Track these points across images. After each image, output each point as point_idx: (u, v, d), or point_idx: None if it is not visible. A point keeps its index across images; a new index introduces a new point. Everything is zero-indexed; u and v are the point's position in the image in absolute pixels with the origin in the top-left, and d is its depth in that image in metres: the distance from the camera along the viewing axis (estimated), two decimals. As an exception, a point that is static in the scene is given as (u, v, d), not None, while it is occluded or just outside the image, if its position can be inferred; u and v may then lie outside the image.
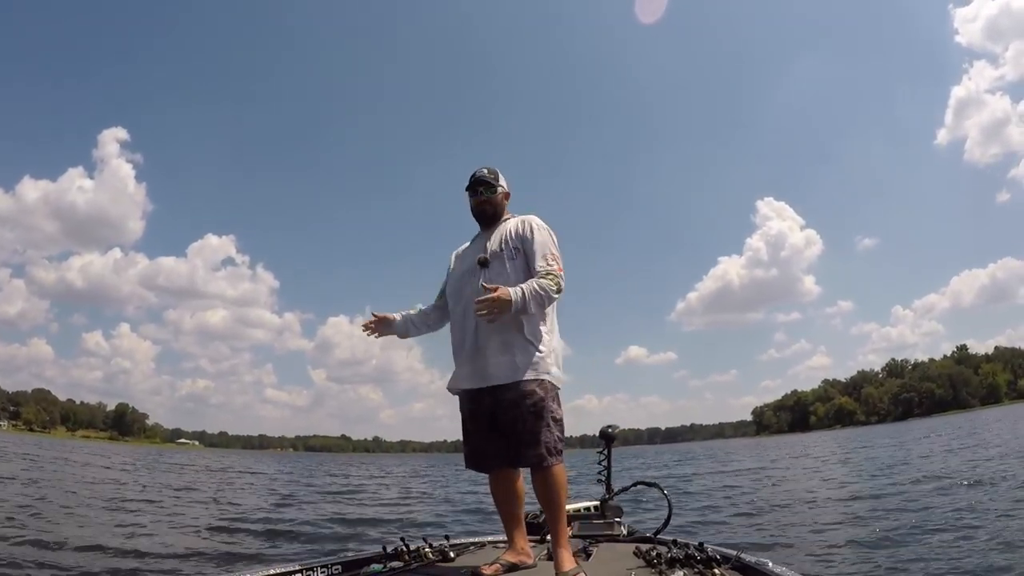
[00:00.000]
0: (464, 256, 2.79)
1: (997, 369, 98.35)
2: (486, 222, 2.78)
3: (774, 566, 2.27)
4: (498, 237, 2.69)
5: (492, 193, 2.76)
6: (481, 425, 2.60)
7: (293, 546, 6.66)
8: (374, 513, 10.03)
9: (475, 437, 2.64)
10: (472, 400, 2.62)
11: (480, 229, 2.82)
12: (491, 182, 2.75)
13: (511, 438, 2.49)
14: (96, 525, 7.43)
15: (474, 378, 2.57)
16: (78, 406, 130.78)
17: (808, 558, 5.29)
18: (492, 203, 2.76)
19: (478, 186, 2.74)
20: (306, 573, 2.51)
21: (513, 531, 2.68)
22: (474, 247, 2.77)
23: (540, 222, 2.71)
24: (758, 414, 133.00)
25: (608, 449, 3.87)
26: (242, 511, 9.84)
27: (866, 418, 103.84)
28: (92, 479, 15.53)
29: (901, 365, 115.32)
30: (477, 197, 2.76)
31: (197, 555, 5.86)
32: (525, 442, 2.46)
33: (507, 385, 2.49)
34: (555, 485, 2.49)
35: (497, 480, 2.68)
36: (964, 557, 4.77)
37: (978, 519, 6.23)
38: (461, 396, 2.68)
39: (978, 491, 8.11)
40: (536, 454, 2.45)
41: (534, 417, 2.46)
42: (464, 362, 2.61)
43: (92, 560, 5.33)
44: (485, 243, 2.70)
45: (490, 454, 2.61)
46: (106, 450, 48.60)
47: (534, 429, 2.45)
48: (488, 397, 2.54)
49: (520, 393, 2.47)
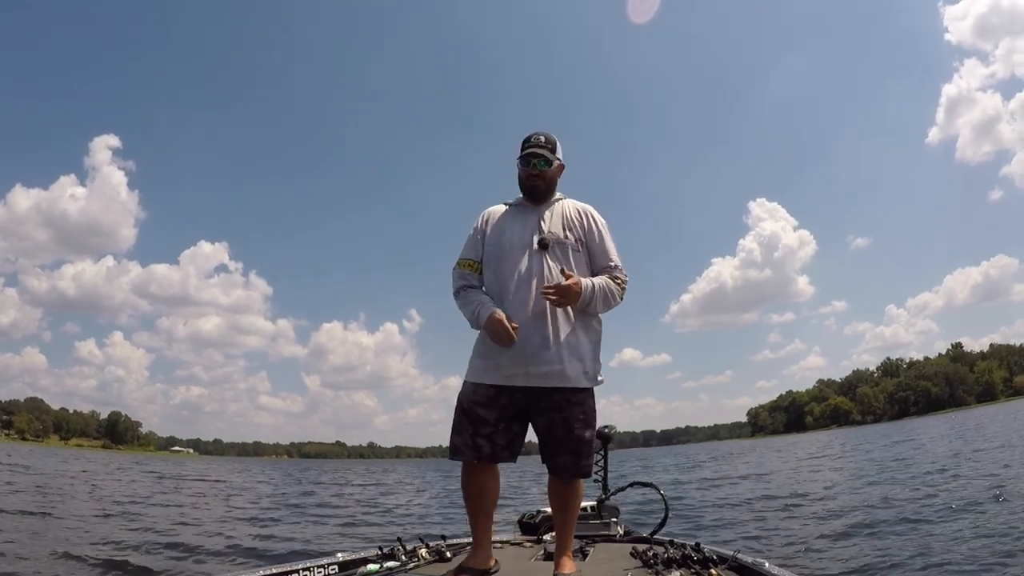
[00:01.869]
0: (511, 228, 2.45)
1: (993, 366, 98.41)
2: (537, 197, 2.48)
3: (771, 566, 2.25)
4: (559, 220, 2.44)
5: (547, 166, 2.46)
6: (504, 418, 2.34)
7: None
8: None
9: (486, 428, 2.34)
10: (505, 395, 2.33)
11: (523, 198, 2.52)
12: (548, 156, 2.44)
13: (556, 445, 2.33)
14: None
15: (535, 375, 2.28)
16: (71, 415, 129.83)
17: (806, 558, 5.25)
18: (545, 178, 2.47)
19: (533, 157, 2.44)
20: (302, 573, 2.48)
21: (483, 531, 2.42)
22: (522, 220, 2.46)
23: (602, 218, 2.52)
24: (753, 415, 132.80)
25: (604, 449, 3.83)
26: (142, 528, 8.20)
27: (862, 418, 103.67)
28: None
29: (896, 364, 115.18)
30: (529, 169, 2.45)
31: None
32: (580, 452, 2.34)
33: (568, 389, 2.30)
34: (580, 494, 2.44)
35: (480, 470, 2.39)
36: (962, 556, 4.69)
37: (977, 516, 6.12)
38: (479, 386, 2.36)
39: (978, 489, 7.96)
40: (588, 464, 2.37)
41: (588, 427, 2.35)
42: (520, 354, 2.28)
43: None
44: (538, 220, 2.43)
45: (502, 445, 2.36)
46: (83, 457, 48.00)
47: (588, 438, 2.35)
48: (531, 396, 2.31)
49: (581, 400, 2.34)
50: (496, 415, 2.33)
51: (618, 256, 2.49)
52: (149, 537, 7.08)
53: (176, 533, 7.44)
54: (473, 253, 2.49)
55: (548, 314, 2.30)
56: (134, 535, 7.22)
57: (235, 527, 8.47)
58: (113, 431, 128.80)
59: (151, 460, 57.19)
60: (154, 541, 6.78)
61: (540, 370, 2.27)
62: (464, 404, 2.38)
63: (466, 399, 2.38)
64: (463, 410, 2.38)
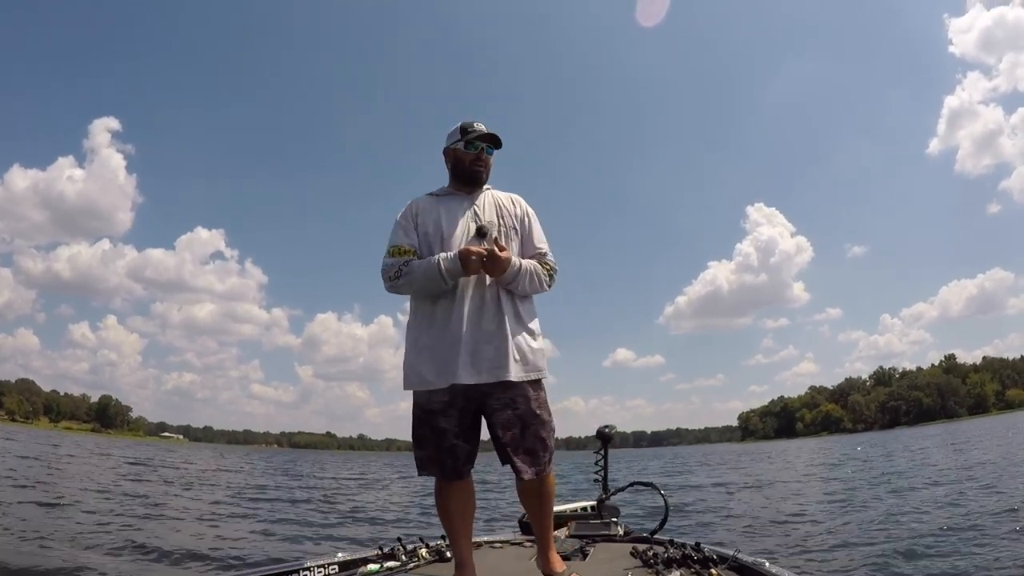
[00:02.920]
0: (446, 217, 2.36)
1: (985, 379, 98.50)
2: (471, 184, 2.43)
3: (771, 566, 2.24)
4: (491, 207, 2.40)
5: (490, 154, 2.46)
6: (463, 424, 2.27)
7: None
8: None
9: (449, 438, 2.26)
10: (458, 395, 2.22)
11: (452, 185, 2.46)
12: (497, 140, 2.43)
13: (513, 443, 2.23)
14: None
15: (478, 371, 2.19)
16: (61, 397, 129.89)
17: (805, 558, 5.27)
18: (487, 165, 2.45)
19: (483, 141, 2.40)
20: (302, 573, 2.47)
21: (468, 549, 2.34)
22: (456, 208, 2.38)
23: (530, 207, 2.50)
24: (744, 419, 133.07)
25: (605, 449, 3.86)
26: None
27: (853, 425, 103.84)
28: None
29: (889, 373, 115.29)
30: (476, 153, 2.41)
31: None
32: (533, 448, 2.25)
33: (514, 383, 2.21)
34: (551, 489, 2.37)
35: (460, 489, 2.33)
36: (958, 558, 4.76)
37: (972, 522, 6.19)
38: (434, 392, 2.24)
39: (972, 496, 8.06)
40: (546, 460, 2.28)
41: (540, 420, 2.26)
42: (462, 351, 2.19)
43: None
44: (472, 208, 2.37)
45: (463, 459, 2.29)
46: (66, 439, 47.57)
47: (542, 433, 2.26)
48: (480, 395, 2.23)
49: (528, 393, 2.25)
50: (456, 421, 2.25)
51: (547, 244, 2.47)
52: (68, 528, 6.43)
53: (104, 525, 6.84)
54: (407, 240, 2.33)
55: (493, 305, 2.25)
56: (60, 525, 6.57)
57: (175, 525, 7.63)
58: (103, 415, 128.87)
59: (135, 445, 56.86)
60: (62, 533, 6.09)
61: (491, 364, 2.19)
62: (420, 415, 2.29)
63: (420, 409, 2.29)
64: (421, 422, 2.29)
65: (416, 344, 2.28)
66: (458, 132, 2.42)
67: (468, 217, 2.35)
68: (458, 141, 2.41)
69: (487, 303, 2.25)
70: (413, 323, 2.33)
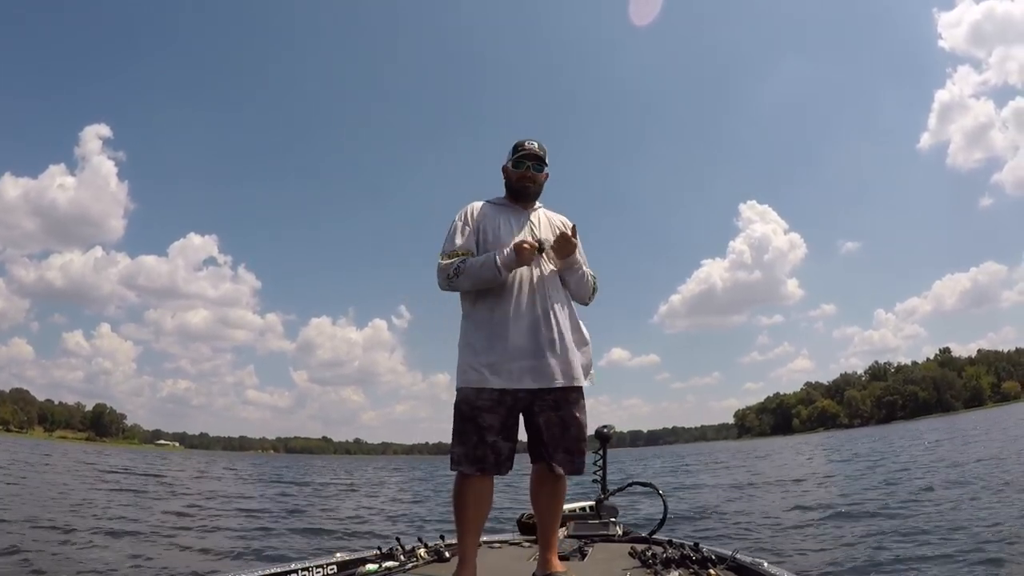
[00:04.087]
0: (506, 226, 2.49)
1: (981, 372, 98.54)
2: (524, 200, 2.56)
3: (769, 566, 2.26)
4: (545, 225, 2.54)
5: (539, 171, 2.55)
6: (507, 423, 2.34)
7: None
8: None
9: (492, 434, 2.32)
10: (507, 394, 2.31)
11: (508, 198, 2.59)
12: (541, 158, 2.53)
13: (554, 442, 2.34)
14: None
15: (542, 376, 2.31)
16: (55, 406, 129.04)
17: (806, 558, 5.25)
18: (536, 181, 2.56)
19: (528, 160, 2.51)
20: (301, 573, 2.48)
21: (474, 548, 2.39)
22: (515, 220, 2.52)
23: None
24: (740, 417, 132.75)
25: (604, 449, 3.90)
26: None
27: (849, 421, 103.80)
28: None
29: (884, 368, 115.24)
30: (523, 171, 2.52)
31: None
32: (571, 448, 2.36)
33: (570, 388, 2.34)
34: (564, 492, 2.49)
35: (484, 487, 2.39)
36: (955, 556, 4.74)
37: (966, 520, 6.19)
38: (483, 391, 2.32)
39: (966, 492, 8.05)
40: (583, 462, 2.41)
41: (579, 424, 2.37)
42: (527, 355, 2.31)
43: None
44: (528, 223, 2.52)
45: (505, 455, 2.36)
46: (56, 449, 47.14)
47: (582, 436, 2.39)
48: (531, 395, 2.32)
49: (579, 397, 2.37)
50: (500, 420, 2.32)
51: (588, 267, 2.59)
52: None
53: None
54: (466, 244, 2.43)
55: (551, 313, 2.35)
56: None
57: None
58: (98, 423, 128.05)
59: (120, 453, 56.13)
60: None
61: (548, 370, 2.30)
62: (465, 411, 2.34)
63: (467, 405, 2.34)
64: (465, 417, 2.34)
65: (472, 346, 2.37)
66: (511, 150, 2.55)
67: (526, 230, 2.48)
68: (510, 159, 2.54)
69: (543, 308, 2.36)
70: (469, 325, 2.42)
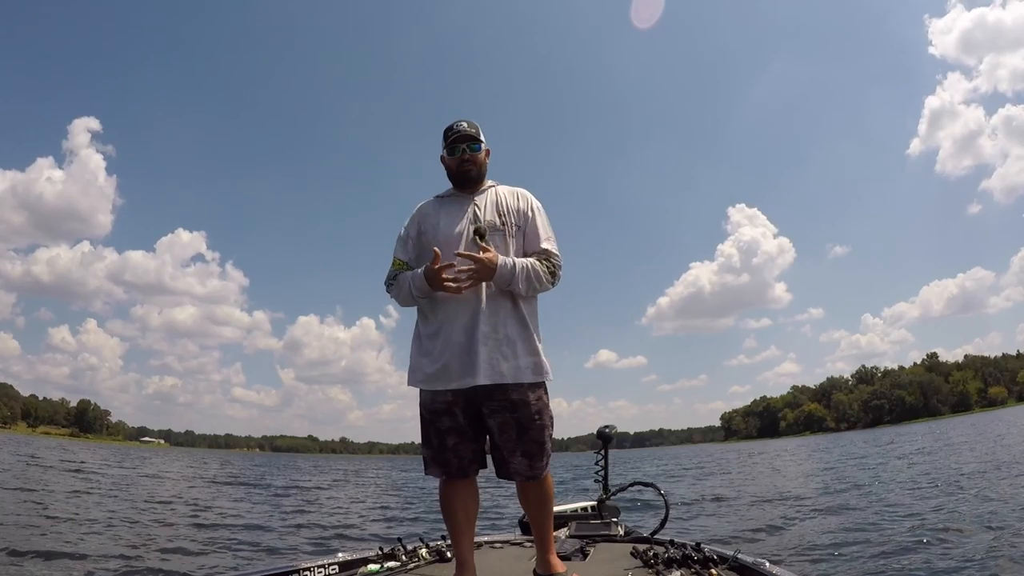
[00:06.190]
0: (445, 220, 2.33)
1: (968, 377, 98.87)
2: (469, 185, 2.38)
3: (771, 566, 2.24)
4: (491, 206, 2.35)
5: (476, 150, 2.37)
6: (468, 424, 2.25)
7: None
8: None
9: (453, 437, 2.26)
10: (460, 396, 2.20)
11: (453, 188, 2.42)
12: (475, 136, 2.36)
13: (510, 446, 2.23)
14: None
15: (470, 375, 2.15)
16: (40, 402, 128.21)
17: (805, 558, 5.25)
18: (476, 162, 2.38)
19: (460, 143, 2.35)
20: (302, 573, 2.46)
21: (470, 549, 2.31)
22: (457, 210, 2.34)
23: (537, 201, 2.42)
24: (727, 419, 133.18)
25: (605, 449, 3.86)
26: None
27: (836, 424, 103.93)
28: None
29: (871, 372, 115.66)
30: (459, 156, 2.35)
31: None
32: (531, 452, 2.25)
33: (510, 386, 2.19)
34: (549, 492, 2.38)
35: (463, 489, 2.33)
36: (953, 558, 4.74)
37: (964, 521, 6.20)
38: (438, 393, 2.23)
39: (963, 495, 8.10)
40: (542, 465, 2.28)
41: (539, 425, 2.24)
42: (457, 354, 2.18)
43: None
44: (472, 209, 2.33)
45: (469, 458, 2.30)
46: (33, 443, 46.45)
47: (540, 438, 2.25)
48: (480, 396, 2.19)
49: (526, 397, 2.22)
50: (460, 422, 2.24)
51: (552, 239, 2.38)
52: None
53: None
54: (403, 253, 2.37)
55: (493, 306, 2.21)
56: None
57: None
58: (82, 420, 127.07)
59: (98, 448, 55.56)
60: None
61: (487, 368, 2.15)
62: (425, 415, 2.29)
63: (425, 410, 2.28)
64: (425, 422, 2.29)
65: (420, 345, 2.28)
66: (443, 138, 2.40)
67: (468, 219, 2.30)
68: (444, 148, 2.39)
69: (487, 304, 2.20)
70: (418, 324, 2.33)
